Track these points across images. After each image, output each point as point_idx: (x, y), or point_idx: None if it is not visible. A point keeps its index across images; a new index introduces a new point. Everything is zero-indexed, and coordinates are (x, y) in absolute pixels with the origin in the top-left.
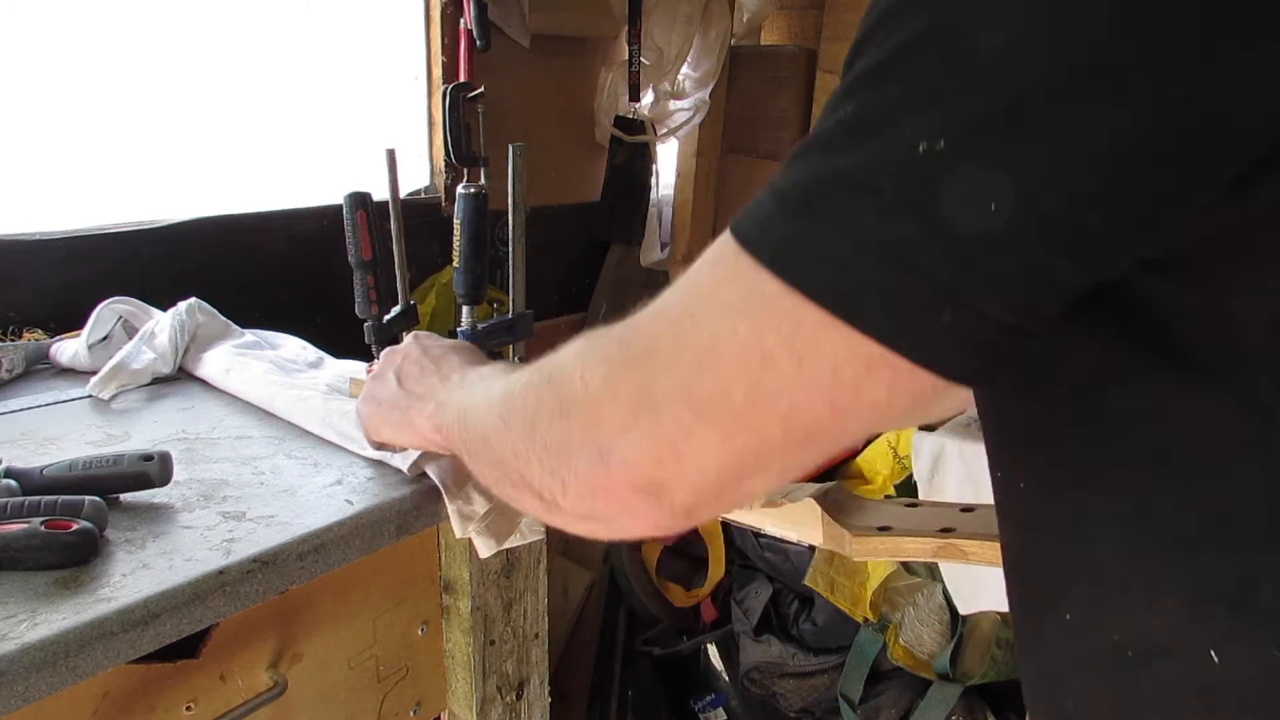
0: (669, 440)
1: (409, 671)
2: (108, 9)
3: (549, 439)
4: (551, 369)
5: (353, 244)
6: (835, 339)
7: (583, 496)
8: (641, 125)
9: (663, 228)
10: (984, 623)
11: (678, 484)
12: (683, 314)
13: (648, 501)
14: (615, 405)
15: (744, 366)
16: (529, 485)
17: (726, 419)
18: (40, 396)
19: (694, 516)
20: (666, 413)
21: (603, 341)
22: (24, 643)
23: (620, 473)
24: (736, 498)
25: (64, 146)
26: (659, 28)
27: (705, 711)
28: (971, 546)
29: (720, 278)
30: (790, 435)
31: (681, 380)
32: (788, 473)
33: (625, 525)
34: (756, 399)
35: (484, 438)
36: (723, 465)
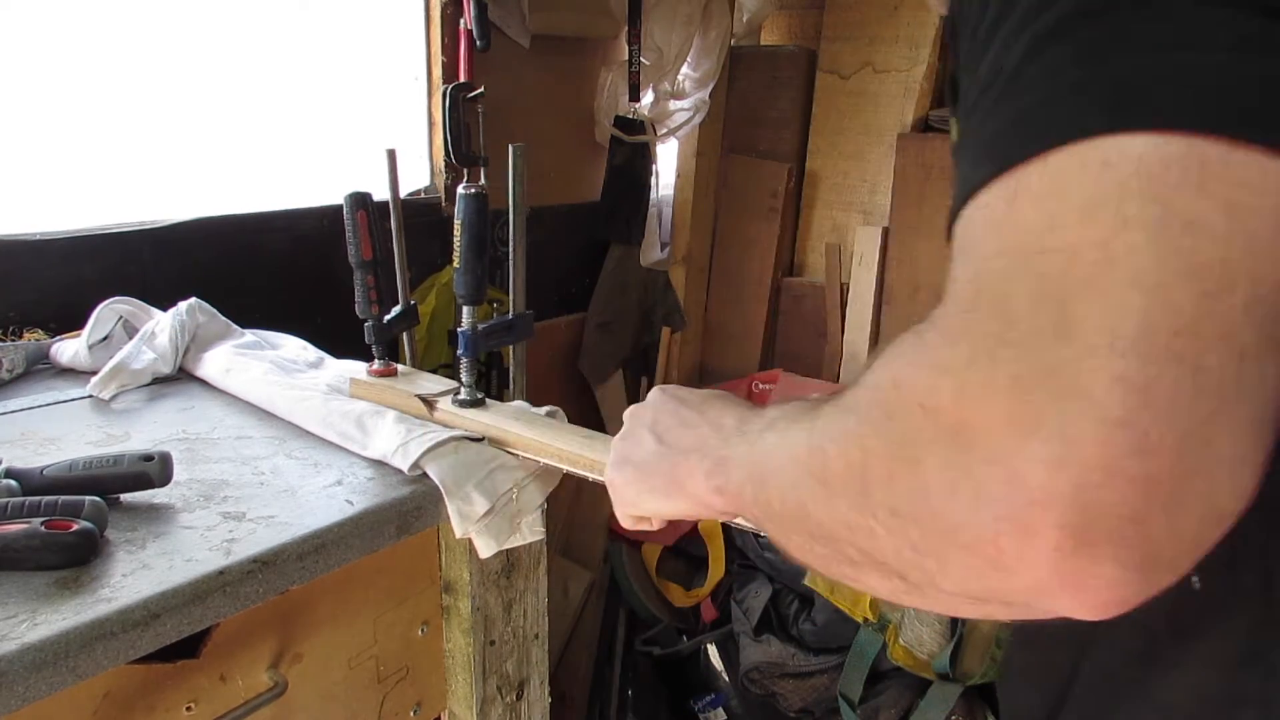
0: (1112, 421)
1: (409, 672)
2: (108, 9)
3: (895, 500)
4: (867, 400)
5: (353, 244)
6: (1260, 164)
7: (978, 571)
8: (641, 125)
9: (663, 228)
10: (984, 623)
11: (1143, 494)
12: (1027, 253)
13: (1098, 557)
14: (994, 415)
15: (1163, 252)
16: (879, 564)
17: (1184, 337)
18: (40, 396)
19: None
20: (1090, 379)
21: (923, 343)
22: (24, 643)
23: (1039, 519)
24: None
25: (65, 146)
26: (659, 28)
27: (705, 711)
28: None
29: (1049, 191)
30: (1256, 324)
31: (1087, 323)
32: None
33: (1061, 607)
34: (1205, 288)
35: (796, 505)
36: (1204, 415)
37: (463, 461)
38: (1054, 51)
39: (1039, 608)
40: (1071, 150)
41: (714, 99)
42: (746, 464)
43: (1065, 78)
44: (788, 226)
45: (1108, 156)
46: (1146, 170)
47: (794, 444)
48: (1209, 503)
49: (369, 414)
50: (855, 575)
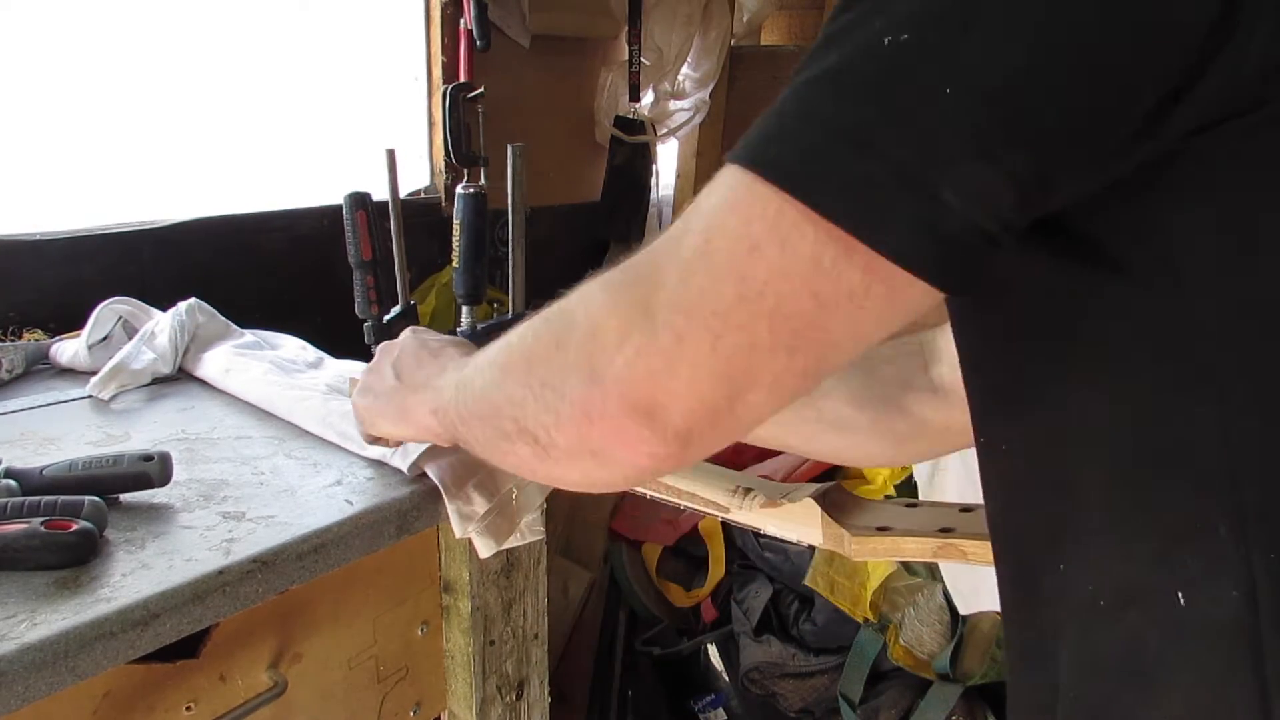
0: (661, 351)
1: (409, 672)
2: (108, 9)
3: (545, 373)
4: (551, 310)
5: (353, 244)
6: (814, 224)
7: (576, 423)
8: (641, 125)
9: (663, 228)
10: (984, 623)
11: (671, 402)
12: (681, 231)
13: (643, 425)
14: (612, 324)
15: (733, 257)
16: (523, 430)
17: (716, 319)
18: (40, 397)
19: (689, 444)
20: (660, 319)
21: (606, 275)
22: (24, 643)
23: (614, 392)
24: (731, 423)
25: (64, 146)
26: (659, 28)
27: (705, 711)
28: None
29: (711, 192)
30: (777, 335)
31: (677, 285)
32: (780, 390)
33: (620, 457)
34: (744, 293)
35: (479, 396)
36: (715, 374)
37: (462, 461)
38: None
39: (610, 456)
40: (727, 170)
41: (714, 99)
42: (453, 384)
43: (763, 115)
44: None
45: (739, 182)
46: (748, 200)
47: (494, 348)
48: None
49: None
50: (509, 448)
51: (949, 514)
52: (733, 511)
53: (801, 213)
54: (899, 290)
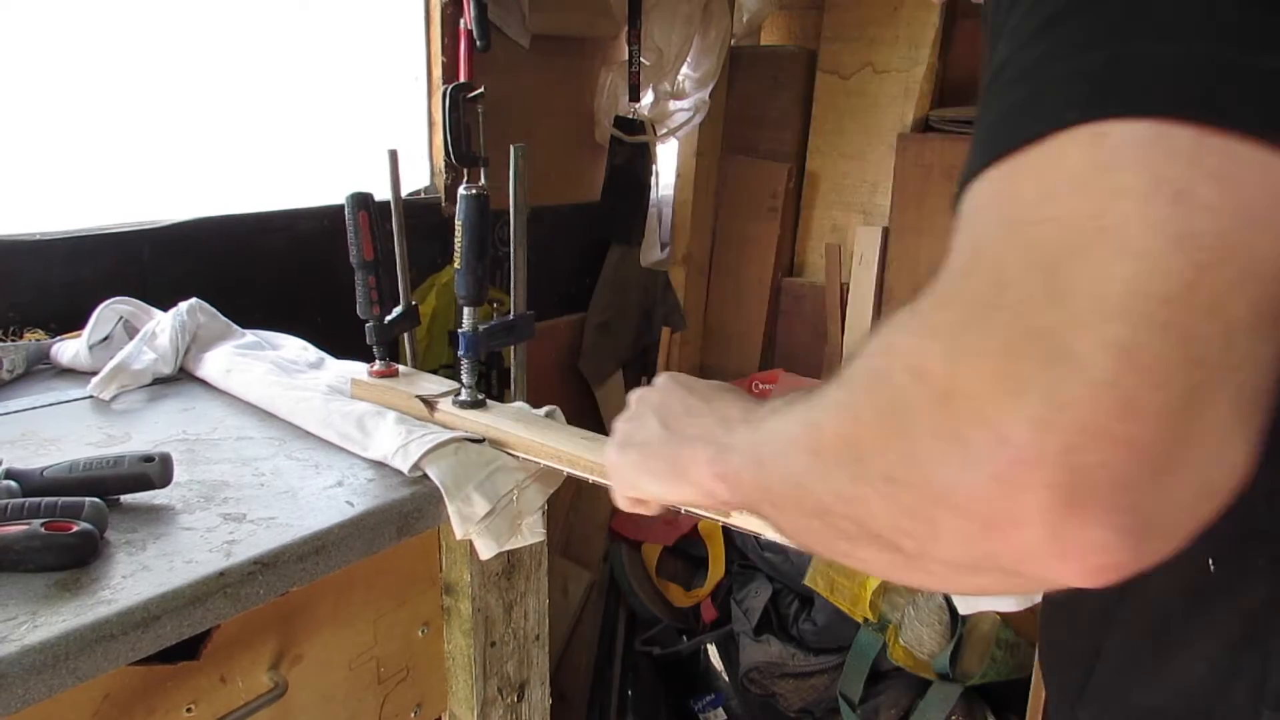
0: (1098, 384)
1: (410, 673)
2: (108, 9)
3: (888, 467)
4: (860, 370)
5: (354, 244)
6: (1245, 145)
7: (970, 535)
8: (641, 125)
9: (663, 228)
10: (984, 623)
11: (1130, 459)
12: (1021, 223)
13: (1088, 520)
14: (984, 379)
15: (1153, 220)
16: (874, 536)
17: (1172, 306)
18: (41, 397)
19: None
20: (1080, 344)
21: (915, 310)
22: (24, 645)
23: (1025, 478)
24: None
25: (65, 147)
26: (659, 28)
27: (705, 711)
28: None
29: (1044, 167)
30: (1256, 305)
31: (1079, 289)
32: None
33: (1052, 574)
34: (1196, 258)
35: (793, 483)
36: (1187, 386)
37: (463, 463)
38: (1058, 35)
39: (1032, 575)
40: (1068, 133)
41: (714, 99)
42: (747, 449)
43: (1065, 66)
44: (788, 226)
45: (1101, 135)
46: (1137, 145)
47: (791, 423)
48: (1200, 473)
49: (369, 415)
50: (851, 550)
51: None
52: (733, 515)
53: (1223, 138)
54: None
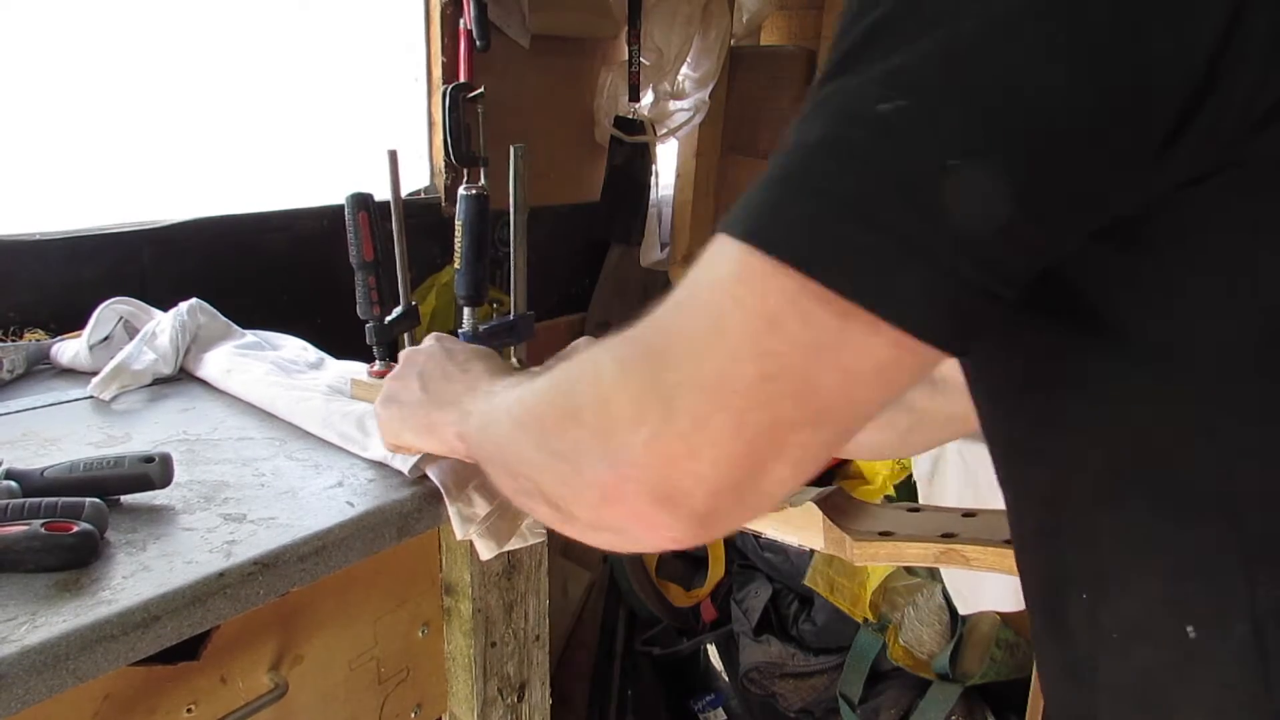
0: (681, 434)
1: (410, 673)
2: (108, 9)
3: (559, 446)
4: (563, 374)
5: (355, 245)
6: (834, 301)
7: (595, 506)
8: (641, 125)
9: (662, 228)
10: (984, 623)
11: (694, 485)
12: (686, 304)
13: (663, 510)
14: (625, 405)
15: (752, 334)
16: (543, 494)
17: (739, 398)
18: (41, 397)
19: (712, 524)
20: (678, 403)
21: (614, 343)
22: (24, 645)
23: (633, 477)
24: (756, 499)
25: (64, 146)
26: (659, 28)
27: (705, 711)
28: (973, 552)
29: (714, 263)
30: (804, 409)
31: (691, 365)
32: (804, 462)
33: (640, 537)
34: (766, 371)
35: (500, 445)
36: (739, 455)
37: (463, 463)
38: (774, 157)
39: (632, 537)
40: (728, 243)
41: (714, 99)
42: (479, 416)
43: (760, 183)
44: None
45: (745, 260)
46: (765, 276)
47: (510, 398)
48: (749, 502)
49: (370, 415)
50: (531, 505)
51: (951, 519)
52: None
53: (818, 289)
54: (923, 357)
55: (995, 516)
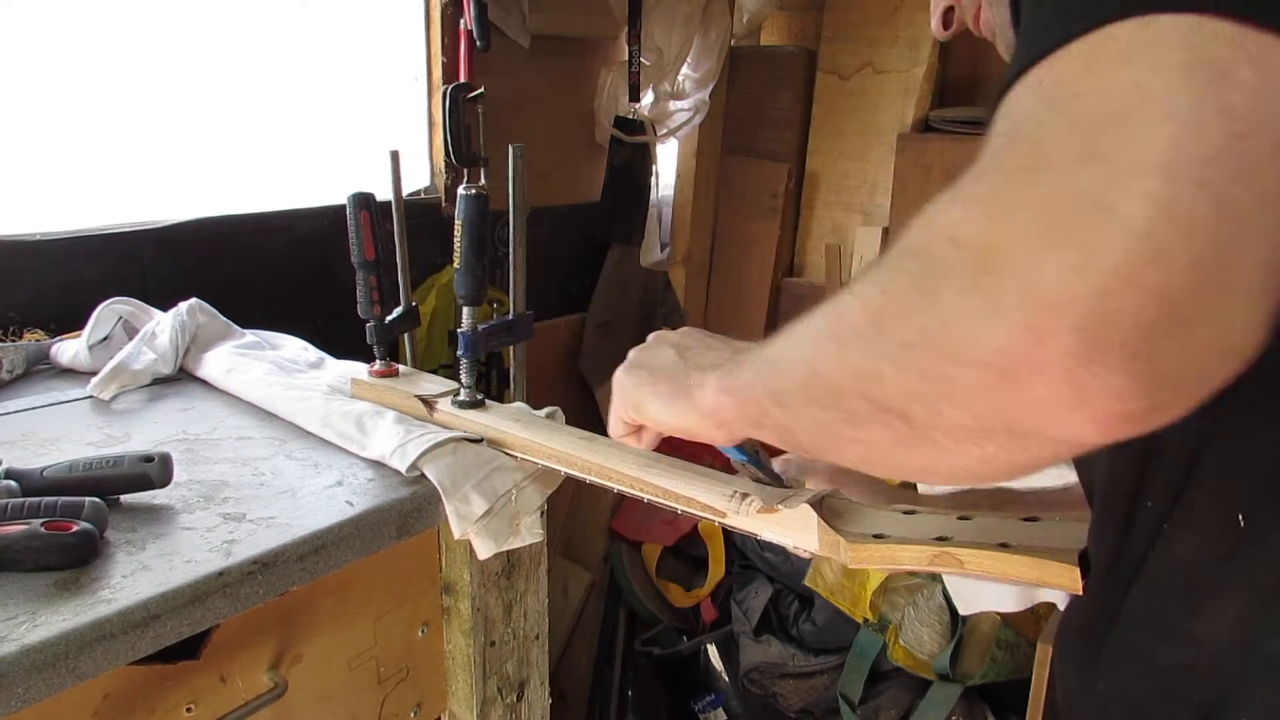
0: (1136, 236)
1: (409, 673)
2: (108, 9)
3: (910, 333)
4: (894, 256)
5: (356, 244)
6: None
7: (988, 388)
8: (641, 125)
9: (662, 228)
10: (984, 623)
11: (1153, 306)
12: (1063, 97)
13: (1110, 365)
14: (1021, 232)
15: (1200, 91)
16: (884, 409)
17: (1212, 167)
18: (41, 397)
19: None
20: (1114, 195)
21: (956, 191)
22: (24, 644)
23: (1057, 323)
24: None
25: (65, 147)
26: (659, 28)
27: (705, 712)
28: (968, 555)
29: (1087, 50)
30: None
31: (1116, 144)
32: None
33: (1060, 424)
34: (1235, 127)
35: (806, 369)
36: (1222, 242)
37: (461, 463)
38: None
39: (1042, 430)
40: (1114, 24)
41: (714, 99)
42: (758, 360)
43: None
44: (788, 226)
45: (1147, 23)
46: (1183, 30)
47: (813, 318)
48: (1219, 331)
49: (369, 414)
50: (857, 434)
51: (946, 522)
52: (730, 517)
53: (1261, 33)
54: None
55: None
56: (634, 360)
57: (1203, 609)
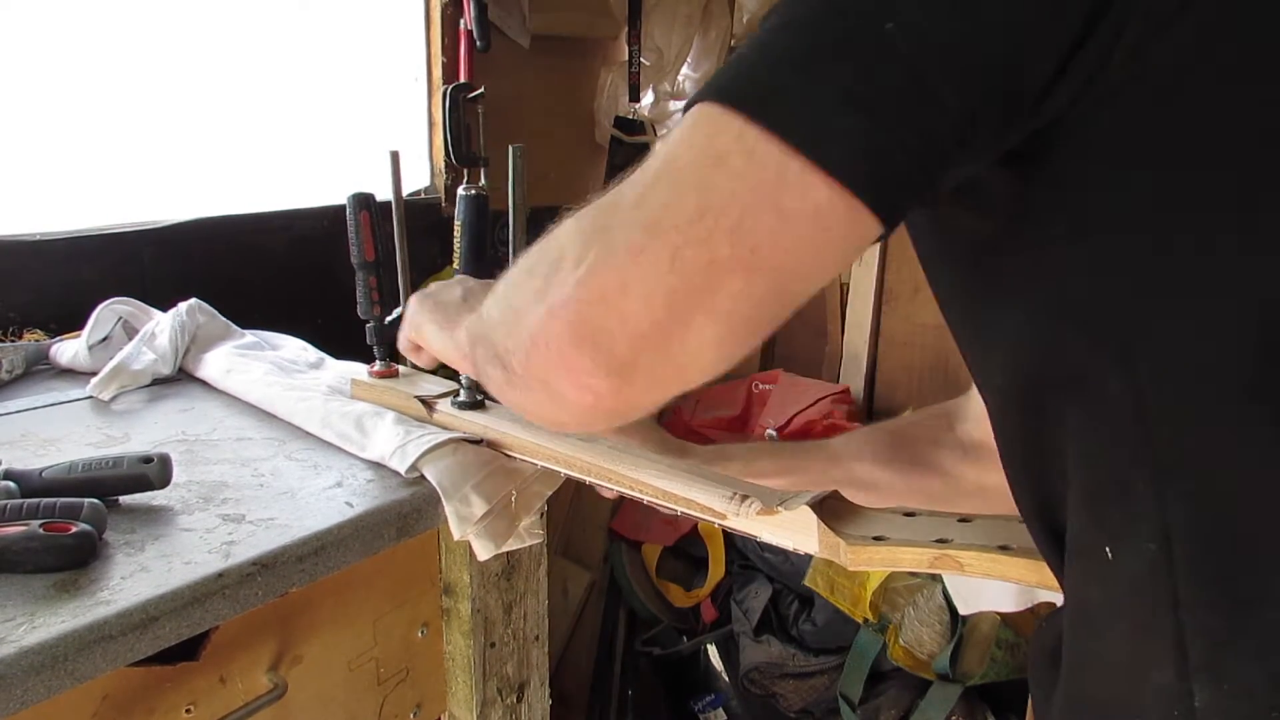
0: (616, 268)
1: (409, 674)
2: (108, 9)
3: (515, 298)
4: (541, 240)
5: (356, 245)
6: (776, 141)
7: (528, 350)
8: (641, 126)
9: None
10: (984, 623)
11: (618, 326)
12: (648, 160)
13: (584, 353)
14: (571, 247)
15: (697, 170)
16: (496, 354)
17: (676, 232)
18: (40, 397)
19: (631, 377)
20: (619, 237)
21: (591, 211)
22: (22, 646)
23: (561, 316)
24: (681, 356)
25: (65, 147)
26: (659, 28)
27: (705, 712)
28: (967, 557)
29: (675, 129)
30: (738, 250)
31: (636, 203)
32: (735, 320)
33: (564, 391)
34: (707, 204)
35: (481, 316)
36: (670, 292)
37: (460, 463)
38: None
39: (555, 390)
40: (693, 110)
41: None
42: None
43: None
44: None
45: (697, 110)
46: (712, 116)
47: None
48: (674, 358)
49: (368, 415)
50: (490, 372)
51: (946, 524)
52: (729, 518)
53: (763, 131)
54: (856, 216)
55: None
56: (429, 291)
57: (1102, 641)
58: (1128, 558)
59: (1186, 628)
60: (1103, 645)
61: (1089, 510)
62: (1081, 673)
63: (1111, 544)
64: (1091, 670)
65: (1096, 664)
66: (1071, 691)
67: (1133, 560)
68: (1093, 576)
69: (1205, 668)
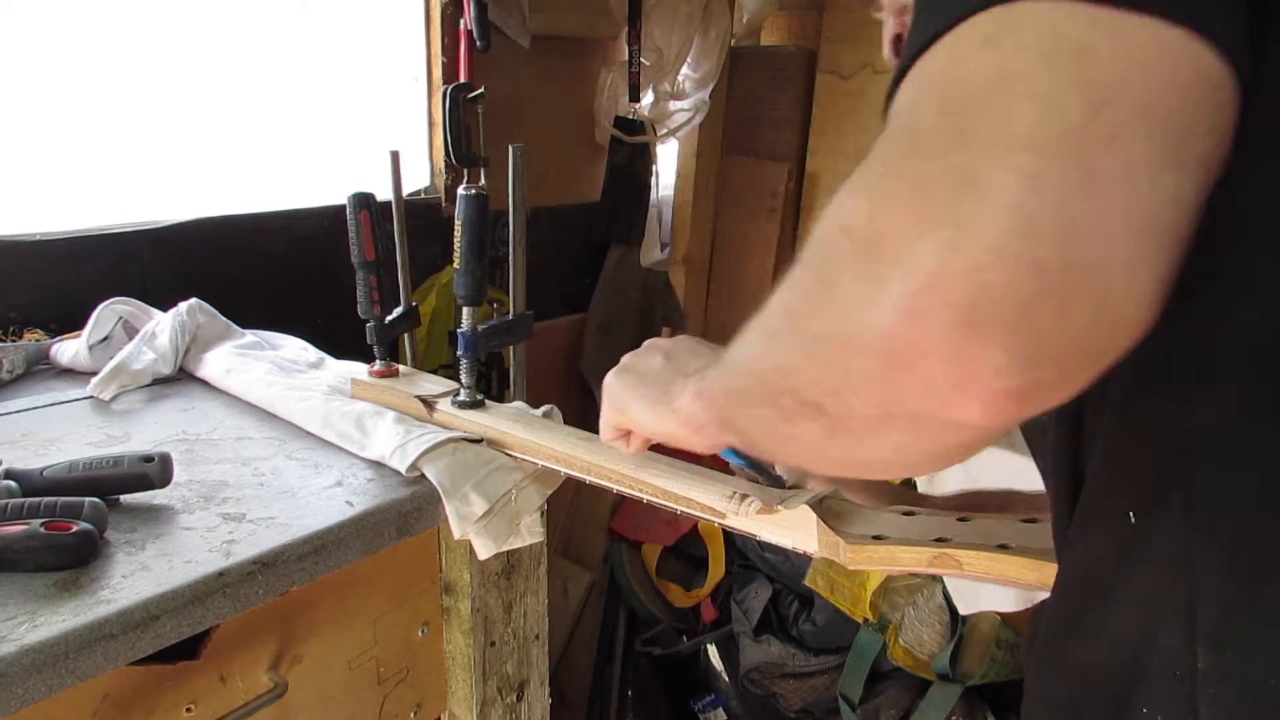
0: (1007, 205)
1: (409, 673)
2: (108, 9)
3: (815, 323)
4: (806, 250)
5: (356, 244)
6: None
7: (880, 377)
8: (641, 126)
9: (663, 228)
10: (984, 623)
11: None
12: (934, 85)
13: (978, 335)
14: (898, 220)
15: (1059, 65)
16: (804, 404)
17: (1075, 138)
18: (41, 397)
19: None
20: (984, 173)
21: (846, 185)
22: (23, 644)
23: (934, 302)
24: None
25: (65, 147)
26: (659, 28)
27: (705, 712)
28: (967, 557)
29: (954, 39)
30: (1156, 142)
31: (986, 127)
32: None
33: (950, 407)
34: (1095, 97)
35: (747, 371)
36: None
37: (460, 463)
38: None
39: (936, 415)
40: (977, 15)
41: (714, 99)
42: (723, 363)
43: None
44: (788, 226)
45: (1007, 10)
46: (1041, 12)
47: (757, 315)
48: (1100, 301)
49: (368, 414)
50: (790, 431)
51: (946, 523)
52: (729, 517)
53: (1119, 9)
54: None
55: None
56: (624, 365)
57: (1107, 607)
58: (1150, 523)
59: (1199, 593)
60: (1107, 611)
61: (1106, 481)
62: (1076, 641)
63: (1134, 510)
64: (1088, 638)
65: (1093, 631)
66: (1058, 664)
67: (1156, 526)
68: (1108, 543)
69: (1212, 633)
